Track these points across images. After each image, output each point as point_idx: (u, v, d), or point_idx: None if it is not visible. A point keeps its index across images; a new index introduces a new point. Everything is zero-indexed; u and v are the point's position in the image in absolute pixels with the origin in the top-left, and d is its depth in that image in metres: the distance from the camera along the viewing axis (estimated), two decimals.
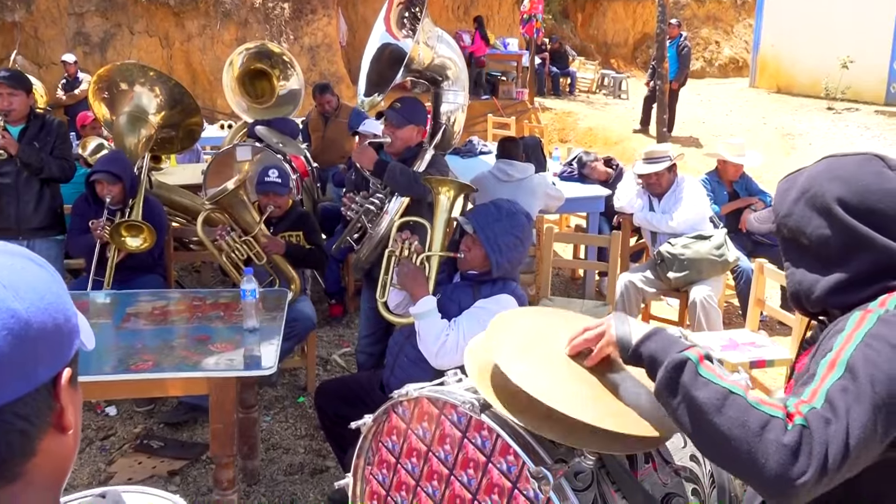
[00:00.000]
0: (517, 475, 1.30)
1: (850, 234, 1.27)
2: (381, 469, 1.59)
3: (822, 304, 1.34)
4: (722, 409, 1.12)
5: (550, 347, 1.40)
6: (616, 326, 1.34)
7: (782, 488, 1.07)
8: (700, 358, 1.20)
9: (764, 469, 1.08)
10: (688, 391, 1.16)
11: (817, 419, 1.10)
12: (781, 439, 1.08)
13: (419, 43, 3.35)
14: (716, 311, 4.14)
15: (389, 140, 3.47)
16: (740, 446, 1.10)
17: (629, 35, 19.34)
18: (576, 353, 1.39)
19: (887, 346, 1.15)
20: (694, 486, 1.42)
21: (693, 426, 1.16)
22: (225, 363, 2.59)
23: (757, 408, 1.12)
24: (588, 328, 1.39)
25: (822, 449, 1.07)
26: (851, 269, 1.28)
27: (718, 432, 1.12)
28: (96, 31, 10.35)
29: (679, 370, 1.19)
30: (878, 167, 1.31)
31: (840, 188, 1.29)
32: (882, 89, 13.42)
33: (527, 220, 2.62)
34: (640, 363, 1.29)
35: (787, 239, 1.38)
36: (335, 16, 11.10)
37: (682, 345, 1.25)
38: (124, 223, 3.68)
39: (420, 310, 2.60)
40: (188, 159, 6.45)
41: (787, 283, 1.40)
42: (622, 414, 1.28)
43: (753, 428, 1.10)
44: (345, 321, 5.01)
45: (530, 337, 1.43)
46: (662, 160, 4.51)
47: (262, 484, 3.26)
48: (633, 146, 10.38)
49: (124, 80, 4.40)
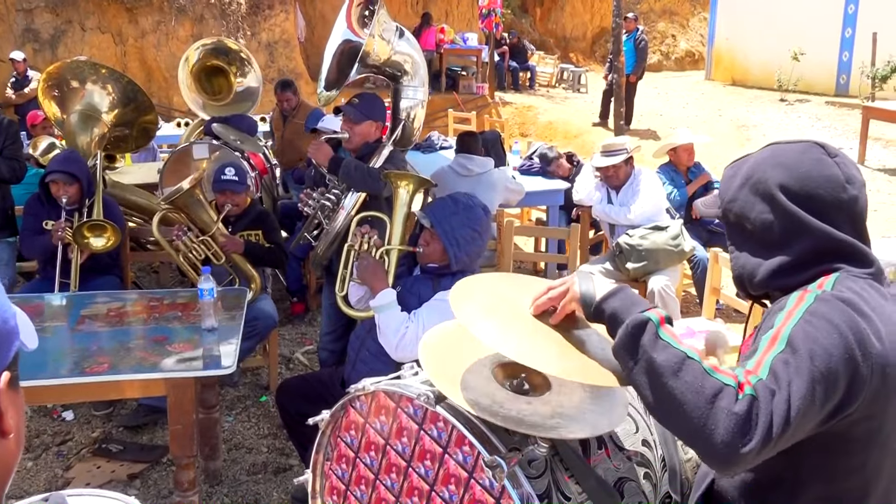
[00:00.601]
0: (473, 465, 1.32)
1: (790, 219, 1.31)
2: (341, 464, 1.59)
3: (765, 288, 1.38)
4: (679, 372, 1.14)
5: (514, 308, 1.39)
6: (580, 283, 1.35)
7: (728, 455, 1.10)
8: (661, 320, 1.22)
9: (713, 435, 1.10)
10: (647, 352, 1.18)
11: (764, 389, 1.14)
12: (732, 408, 1.11)
13: (374, 37, 3.34)
14: (673, 300, 4.22)
15: (347, 136, 3.46)
16: (693, 411, 1.12)
17: (587, 29, 19.52)
18: (540, 312, 1.39)
19: (825, 322, 1.20)
20: (646, 471, 1.45)
21: (649, 387, 1.18)
22: (183, 364, 2.56)
23: (712, 375, 1.15)
24: (552, 287, 1.39)
25: (767, 419, 1.11)
26: (792, 252, 1.32)
27: (673, 396, 1.14)
28: (46, 28, 10.09)
29: (640, 330, 1.20)
30: (819, 154, 1.35)
31: (782, 174, 1.33)
32: (832, 81, 13.78)
33: (484, 213, 2.65)
34: (602, 320, 1.30)
35: (732, 224, 1.41)
36: (293, 12, 11.00)
37: (644, 304, 1.27)
38: (87, 223, 3.61)
39: (380, 302, 2.61)
40: (144, 158, 6.34)
41: (732, 267, 1.45)
42: (589, 367, 1.29)
43: (707, 394, 1.12)
44: (307, 319, 4.99)
45: (493, 299, 1.43)
46: (619, 153, 4.57)
47: (224, 484, 3.23)
48: (592, 139, 10.49)
49: (75, 78, 4.31)
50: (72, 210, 3.69)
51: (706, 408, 1.12)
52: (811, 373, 1.15)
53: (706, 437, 1.11)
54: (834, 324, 1.19)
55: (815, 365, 1.15)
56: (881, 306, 1.27)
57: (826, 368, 1.16)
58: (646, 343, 1.19)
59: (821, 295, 1.25)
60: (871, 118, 9.22)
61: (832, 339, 1.18)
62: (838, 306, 1.22)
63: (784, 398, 1.13)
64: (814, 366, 1.15)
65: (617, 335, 1.24)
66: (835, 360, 1.16)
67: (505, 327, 1.33)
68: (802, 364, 1.16)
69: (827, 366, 1.16)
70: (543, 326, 1.36)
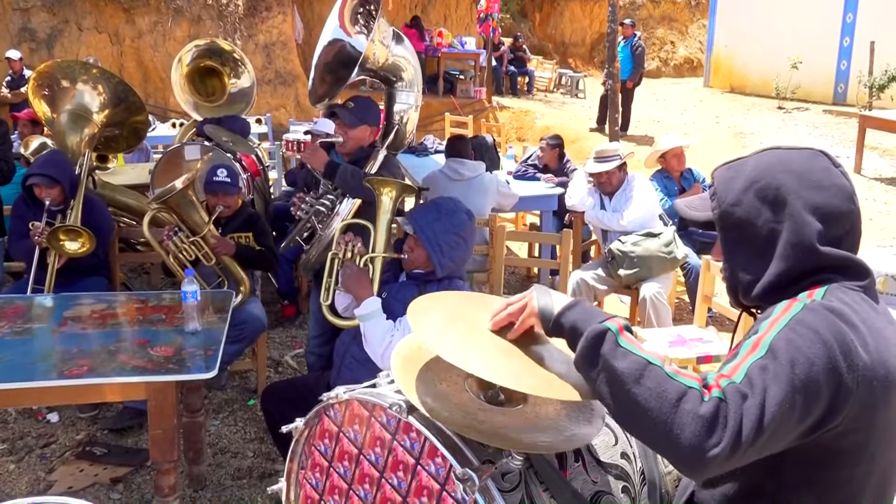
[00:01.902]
0: (445, 477, 1.29)
1: (800, 229, 1.27)
2: (315, 473, 1.56)
3: (759, 301, 1.35)
4: (640, 379, 1.13)
5: (473, 324, 1.38)
6: (537, 298, 1.33)
7: (695, 459, 1.08)
8: (620, 328, 1.20)
9: (679, 439, 1.08)
10: (607, 361, 1.16)
11: (734, 393, 1.11)
12: (697, 410, 1.09)
13: (374, 42, 3.32)
14: (665, 308, 4.20)
15: (341, 140, 3.43)
16: (657, 417, 1.10)
17: (586, 34, 19.53)
18: (498, 328, 1.38)
19: (810, 331, 1.17)
20: (624, 484, 1.42)
21: (612, 396, 1.16)
22: (164, 367, 2.53)
23: (674, 378, 1.13)
24: (510, 302, 1.38)
25: (736, 422, 1.08)
26: (793, 264, 1.28)
27: (636, 403, 1.12)
28: (43, 27, 10.06)
29: (599, 340, 1.19)
30: (826, 163, 1.32)
31: (794, 182, 1.29)
32: (830, 89, 13.79)
33: (468, 217, 2.61)
34: (561, 334, 1.28)
35: (730, 228, 1.35)
36: (290, 13, 10.98)
37: (602, 315, 1.25)
38: (62, 228, 3.58)
39: (364, 311, 2.58)
40: (137, 158, 6.31)
41: (725, 276, 1.39)
42: (550, 382, 1.27)
43: (670, 398, 1.10)
44: (298, 322, 4.96)
45: (452, 316, 1.42)
46: (612, 159, 4.55)
47: (208, 489, 3.20)
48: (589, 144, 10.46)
49: (66, 78, 4.29)
50: (56, 211, 3.66)
51: (670, 412, 1.09)
52: (791, 380, 1.12)
53: (673, 442, 1.09)
54: (819, 333, 1.17)
55: (796, 373, 1.13)
56: (871, 318, 1.24)
57: (807, 377, 1.13)
58: (606, 352, 1.17)
59: (809, 304, 1.23)
60: (867, 127, 9.22)
61: (815, 349, 1.15)
62: (826, 316, 1.20)
63: (757, 403, 1.10)
64: (794, 374, 1.13)
65: (577, 347, 1.22)
66: (817, 369, 1.14)
67: (464, 342, 1.31)
68: (782, 371, 1.13)
69: (808, 375, 1.13)
70: (503, 342, 1.34)
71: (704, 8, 18.40)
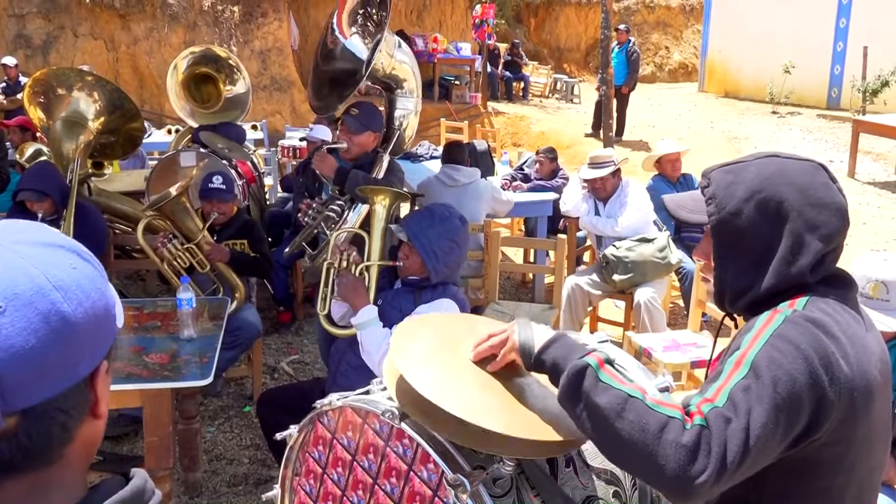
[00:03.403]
0: (437, 483, 1.30)
1: (798, 246, 1.27)
2: (309, 479, 1.57)
3: (746, 311, 1.35)
4: (622, 413, 1.14)
5: (456, 354, 1.39)
6: (519, 332, 1.34)
7: (682, 488, 1.09)
8: (600, 363, 1.20)
9: (664, 470, 1.09)
10: (589, 397, 1.17)
11: (717, 418, 1.12)
12: (680, 440, 1.10)
13: (382, 52, 3.35)
14: (659, 313, 4.22)
15: (346, 146, 3.46)
16: (641, 449, 1.11)
17: (581, 40, 19.60)
18: (480, 359, 1.39)
19: (791, 346, 1.17)
20: (615, 489, 1.44)
21: (595, 432, 1.17)
22: (159, 374, 2.54)
23: (655, 409, 1.13)
24: (493, 334, 1.39)
25: (720, 448, 1.09)
26: (782, 279, 1.28)
27: (619, 437, 1.13)
28: (38, 34, 10.07)
29: (580, 377, 1.19)
30: (826, 178, 1.31)
31: (796, 197, 1.28)
32: (823, 94, 13.87)
33: (461, 223, 2.63)
34: (542, 370, 1.29)
35: (726, 236, 1.32)
36: (286, 19, 11.00)
37: (582, 350, 1.25)
38: None
39: (361, 320, 2.60)
40: (133, 165, 6.31)
41: (714, 281, 1.38)
42: (528, 420, 1.29)
43: (652, 430, 1.11)
44: (293, 328, 4.96)
45: (435, 344, 1.43)
46: (606, 165, 4.57)
47: (204, 496, 3.20)
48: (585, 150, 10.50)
49: (61, 85, 4.30)
50: (49, 222, 3.66)
51: (654, 444, 1.10)
52: (774, 400, 1.13)
53: (658, 473, 1.10)
54: (800, 348, 1.17)
55: (779, 392, 1.13)
56: (852, 328, 1.25)
57: (789, 395, 1.14)
58: (587, 388, 1.18)
59: (790, 316, 1.23)
60: (861, 132, 9.26)
61: (797, 365, 1.15)
62: (807, 328, 1.20)
63: (741, 426, 1.11)
64: (777, 393, 1.13)
65: (559, 384, 1.23)
66: (799, 385, 1.14)
67: (443, 377, 1.32)
68: (765, 391, 1.14)
69: (790, 392, 1.14)
70: (483, 375, 1.36)
71: (699, 13, 18.49)
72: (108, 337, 0.73)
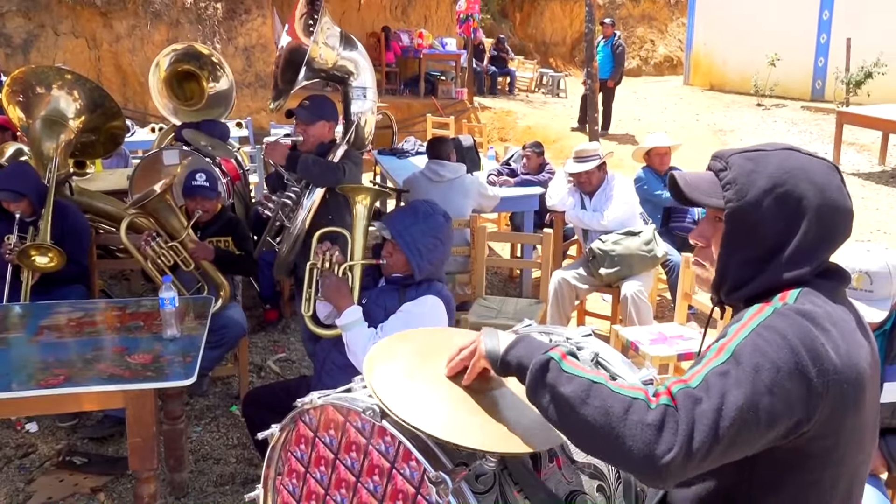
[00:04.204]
0: (420, 480, 1.29)
1: (810, 246, 1.26)
2: (291, 479, 1.56)
3: (739, 302, 1.34)
4: (587, 399, 1.14)
5: (431, 371, 1.42)
6: (485, 341, 1.36)
7: (650, 467, 1.09)
8: (562, 355, 1.22)
9: (631, 451, 1.09)
10: (554, 388, 1.18)
11: (686, 398, 1.12)
12: (645, 419, 1.10)
13: (318, 43, 3.43)
14: (646, 306, 4.22)
15: (301, 139, 3.54)
16: (608, 433, 1.11)
17: (567, 34, 19.61)
18: (454, 373, 1.42)
19: (777, 336, 1.17)
20: (599, 483, 1.43)
21: (562, 421, 1.18)
22: (142, 375, 2.51)
23: (619, 392, 1.14)
24: (462, 347, 1.41)
25: (687, 427, 1.09)
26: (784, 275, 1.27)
27: (586, 423, 1.14)
28: (18, 32, 9.94)
29: (544, 370, 1.21)
30: (839, 181, 1.30)
31: (815, 196, 1.26)
32: (808, 86, 13.93)
33: (444, 219, 2.62)
34: (510, 371, 1.31)
35: (739, 225, 1.28)
36: (270, 16, 10.93)
37: (545, 346, 1.27)
38: (31, 246, 3.52)
39: (346, 321, 2.58)
40: (115, 164, 6.25)
41: (716, 269, 1.34)
42: (503, 433, 1.31)
43: (617, 413, 1.11)
44: (280, 326, 4.93)
45: (410, 363, 1.45)
46: (592, 159, 4.57)
47: (190, 496, 3.17)
48: (571, 144, 10.49)
49: (40, 84, 4.25)
50: (28, 223, 3.61)
51: (619, 426, 1.11)
52: (754, 385, 1.12)
53: (625, 455, 1.10)
54: (786, 338, 1.16)
55: (761, 378, 1.13)
56: (843, 321, 1.24)
57: (772, 382, 1.13)
58: (551, 380, 1.19)
59: (780, 308, 1.22)
60: (845, 123, 9.32)
61: (781, 354, 1.15)
62: (795, 320, 1.19)
63: (712, 407, 1.10)
64: (759, 378, 1.13)
65: (526, 381, 1.24)
66: (783, 374, 1.14)
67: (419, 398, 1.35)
68: (744, 376, 1.13)
69: (773, 379, 1.13)
70: (458, 391, 1.39)
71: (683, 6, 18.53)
72: None
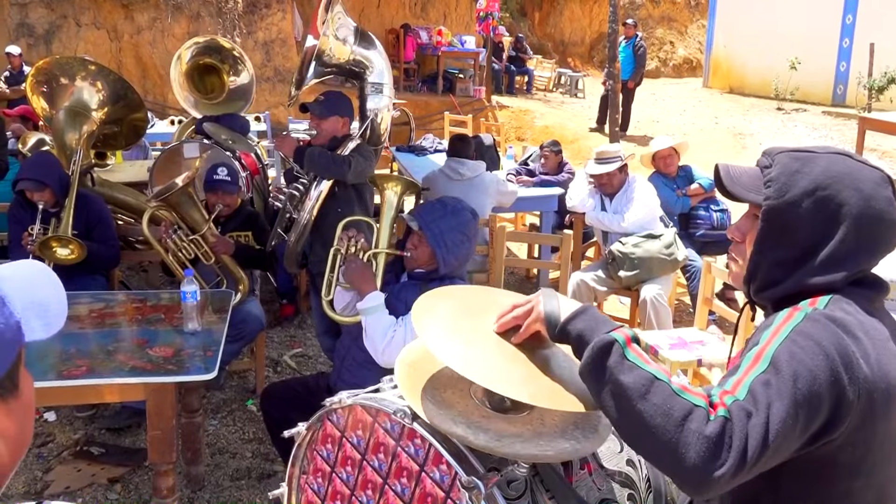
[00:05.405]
0: (450, 484, 1.28)
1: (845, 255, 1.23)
2: (317, 477, 1.55)
3: (768, 303, 1.32)
4: (647, 395, 1.10)
5: (478, 325, 1.36)
6: (544, 303, 1.30)
7: (700, 479, 1.06)
8: (627, 340, 1.17)
9: (684, 459, 1.06)
10: (613, 374, 1.14)
11: (739, 411, 1.09)
12: (703, 430, 1.07)
13: (328, 36, 3.45)
14: (665, 310, 4.19)
15: (315, 133, 3.58)
16: (662, 435, 1.08)
17: (586, 34, 19.50)
18: (504, 330, 1.35)
19: (811, 342, 1.15)
20: (630, 492, 1.41)
21: (617, 410, 1.14)
22: (163, 368, 2.51)
23: (681, 395, 1.10)
24: (517, 305, 1.35)
25: (741, 442, 1.07)
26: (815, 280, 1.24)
27: (642, 418, 1.10)
28: (41, 23, 10.01)
29: (606, 352, 1.16)
30: (889, 193, 1.27)
31: (858, 204, 1.23)
32: (829, 90, 13.79)
33: (472, 216, 2.61)
34: (567, 341, 1.26)
35: (774, 222, 1.26)
36: (290, 11, 10.94)
37: (610, 325, 1.22)
38: (52, 237, 3.53)
39: (367, 305, 2.56)
40: (135, 156, 6.27)
41: (747, 265, 1.32)
42: (555, 391, 1.25)
43: (676, 417, 1.08)
44: (296, 321, 4.94)
45: (456, 317, 1.39)
46: (613, 160, 4.54)
47: (206, 490, 3.18)
48: (589, 144, 10.46)
49: (65, 75, 4.26)
50: (51, 214, 3.62)
51: (676, 430, 1.07)
52: (793, 395, 1.10)
53: (677, 461, 1.07)
54: (821, 345, 1.14)
55: (798, 387, 1.11)
56: (875, 329, 1.22)
57: (809, 391, 1.11)
58: (612, 365, 1.14)
59: (811, 314, 1.20)
60: (867, 129, 9.19)
61: (817, 361, 1.13)
62: (827, 326, 1.17)
63: (762, 421, 1.08)
64: (797, 388, 1.11)
65: (583, 357, 1.19)
66: (819, 382, 1.12)
67: (466, 347, 1.28)
68: (784, 386, 1.11)
69: (810, 388, 1.11)
70: (507, 346, 1.32)
71: (704, 8, 18.39)
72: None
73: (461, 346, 1.29)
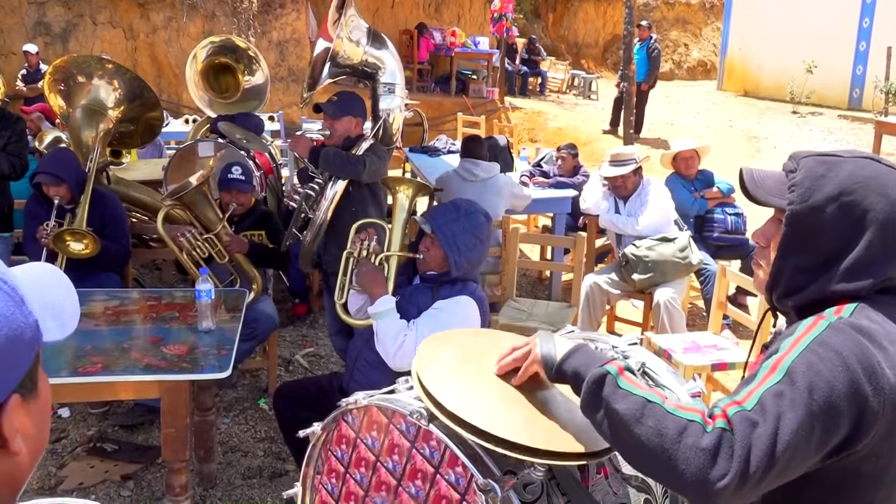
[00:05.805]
0: (465, 487, 1.27)
1: (870, 262, 1.20)
2: (331, 478, 1.54)
3: (790, 310, 1.30)
4: (641, 419, 1.13)
5: (480, 368, 1.42)
6: (540, 345, 1.35)
7: (704, 492, 1.06)
8: (620, 370, 1.20)
9: (685, 474, 1.07)
10: (608, 404, 1.17)
11: (743, 421, 1.09)
12: (699, 443, 1.07)
13: (342, 38, 3.47)
14: (679, 313, 4.16)
15: (329, 133, 3.59)
16: (661, 454, 1.09)
17: (600, 36, 19.45)
18: (504, 372, 1.41)
19: (832, 353, 1.12)
20: (646, 497, 1.40)
21: (615, 438, 1.17)
22: (177, 366, 2.52)
23: (674, 414, 1.12)
24: (515, 347, 1.40)
25: (743, 452, 1.06)
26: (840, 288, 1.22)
27: (639, 442, 1.12)
28: (58, 22, 10.09)
29: (600, 384, 1.19)
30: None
31: (884, 210, 1.20)
32: (845, 94, 13.67)
33: (485, 219, 2.61)
34: (564, 380, 1.30)
35: (797, 228, 1.23)
36: (304, 11, 10.97)
37: (602, 359, 1.25)
38: (67, 231, 3.55)
39: (378, 309, 2.57)
40: (150, 154, 6.31)
41: (770, 271, 1.30)
42: (553, 431, 1.30)
43: (671, 435, 1.09)
44: (308, 321, 4.95)
45: (459, 359, 1.45)
46: (628, 163, 4.52)
47: (218, 488, 3.19)
48: (602, 147, 10.42)
49: (82, 73, 4.29)
50: (67, 209, 3.64)
51: (672, 448, 1.09)
52: (808, 407, 1.08)
53: (679, 478, 1.08)
54: (841, 355, 1.12)
55: (814, 399, 1.09)
56: None
57: (826, 403, 1.09)
58: (607, 395, 1.18)
59: (835, 323, 1.17)
60: (884, 133, 9.12)
61: (836, 373, 1.10)
62: (851, 336, 1.14)
63: (769, 431, 1.07)
64: (812, 400, 1.09)
65: (580, 393, 1.23)
66: (837, 394, 1.09)
67: (468, 391, 1.34)
68: (799, 397, 1.09)
69: (827, 400, 1.09)
70: (508, 388, 1.38)
71: (719, 10, 18.30)
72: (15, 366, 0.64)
73: (463, 389, 1.34)
